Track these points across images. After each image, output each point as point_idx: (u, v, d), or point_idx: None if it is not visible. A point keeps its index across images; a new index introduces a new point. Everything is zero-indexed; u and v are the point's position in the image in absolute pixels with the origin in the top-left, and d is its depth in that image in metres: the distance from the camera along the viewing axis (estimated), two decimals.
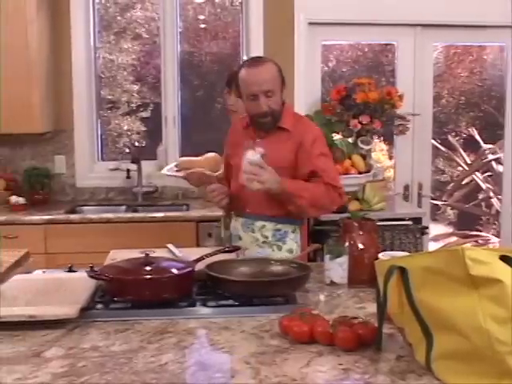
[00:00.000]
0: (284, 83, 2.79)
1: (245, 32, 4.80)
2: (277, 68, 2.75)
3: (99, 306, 2.09)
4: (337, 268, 2.35)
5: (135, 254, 2.36)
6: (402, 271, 1.62)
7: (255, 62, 2.79)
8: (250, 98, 2.73)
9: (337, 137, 4.37)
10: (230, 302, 2.11)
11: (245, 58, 4.69)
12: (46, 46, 4.46)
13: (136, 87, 5.18)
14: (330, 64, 5.26)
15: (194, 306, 2.09)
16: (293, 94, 4.66)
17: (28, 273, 2.48)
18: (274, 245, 2.81)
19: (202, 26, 5.09)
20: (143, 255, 2.24)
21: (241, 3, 4.83)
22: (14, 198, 4.28)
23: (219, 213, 3.19)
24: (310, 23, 4.73)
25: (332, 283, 2.36)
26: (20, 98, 4.26)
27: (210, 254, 2.35)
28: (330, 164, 2.85)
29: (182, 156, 4.48)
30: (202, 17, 5.08)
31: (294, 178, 2.75)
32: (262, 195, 2.71)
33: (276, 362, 1.66)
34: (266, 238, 2.80)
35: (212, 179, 3.24)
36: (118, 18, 5.11)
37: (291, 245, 2.83)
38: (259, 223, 2.80)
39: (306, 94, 4.76)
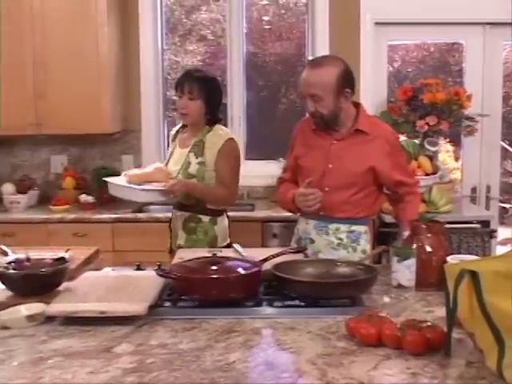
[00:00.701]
0: (348, 87, 2.70)
1: (310, 32, 4.80)
2: (336, 73, 2.66)
3: (167, 303, 2.13)
4: (404, 270, 2.32)
5: (202, 253, 2.39)
6: (473, 275, 1.59)
7: (314, 63, 2.77)
8: (302, 97, 2.76)
9: (403, 138, 4.32)
10: (296, 302, 2.12)
11: (310, 58, 4.68)
12: (115, 49, 4.56)
13: None
14: (395, 64, 5.18)
15: (260, 305, 2.10)
16: (359, 94, 4.62)
17: (98, 270, 2.54)
18: (349, 246, 2.78)
19: (267, 26, 5.10)
20: (210, 255, 2.27)
21: (306, 4, 4.83)
22: (83, 197, 4.40)
23: (285, 213, 3.18)
24: (377, 23, 4.69)
25: (399, 286, 2.33)
26: (90, 99, 4.38)
27: (277, 255, 2.36)
28: (406, 166, 2.99)
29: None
30: (266, 18, 5.09)
31: (375, 179, 2.76)
32: (335, 198, 2.73)
33: (343, 364, 1.65)
34: (341, 240, 2.78)
35: (198, 186, 3.17)
36: (184, 20, 5.16)
37: (365, 245, 2.82)
38: (333, 226, 2.78)
39: (372, 94, 4.72)
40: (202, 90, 3.18)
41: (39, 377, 1.61)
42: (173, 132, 3.46)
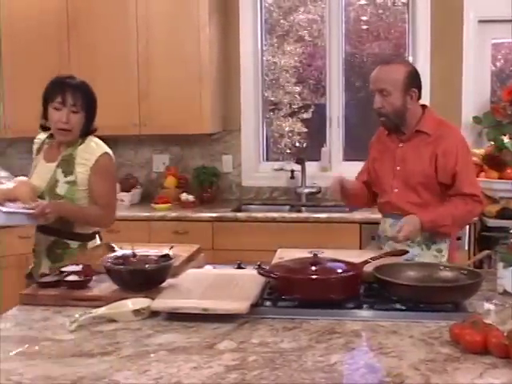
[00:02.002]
0: (415, 87, 2.77)
1: (411, 32, 4.71)
2: (405, 70, 2.76)
3: (267, 303, 2.14)
4: (510, 277, 2.24)
5: (302, 253, 2.40)
6: None
7: (384, 61, 2.91)
8: (372, 95, 2.83)
9: (507, 139, 4.17)
10: (397, 305, 2.09)
11: (410, 58, 4.60)
12: (216, 49, 4.64)
13: (298, 89, 5.23)
14: (498, 63, 5.01)
15: (360, 308, 2.09)
16: (460, 94, 4.52)
17: (199, 268, 2.59)
18: (422, 244, 2.79)
19: (364, 27, 5.05)
20: (311, 255, 2.27)
21: (407, 3, 4.75)
22: (184, 196, 4.50)
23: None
24: (480, 21, 4.55)
25: (505, 292, 2.26)
26: (191, 99, 4.48)
27: (376, 257, 2.33)
28: (470, 171, 2.85)
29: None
30: (364, 18, 5.04)
31: (433, 181, 2.76)
32: (404, 199, 2.78)
33: (447, 371, 1.62)
34: None
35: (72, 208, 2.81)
36: (282, 21, 5.19)
37: (440, 244, 2.81)
38: None
39: (474, 95, 4.59)
40: (85, 101, 2.83)
41: (145, 369, 1.67)
42: (37, 141, 3.01)
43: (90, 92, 2.89)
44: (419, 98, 2.82)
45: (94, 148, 2.86)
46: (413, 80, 2.77)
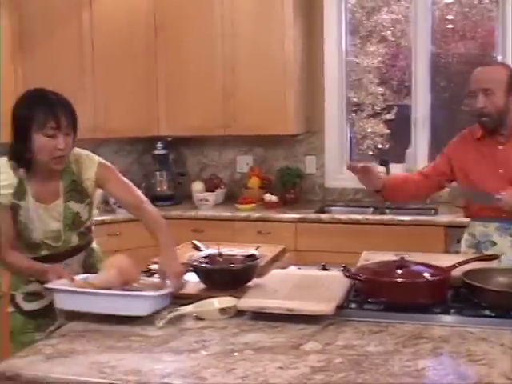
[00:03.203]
0: None
1: (500, 31, 4.58)
2: (508, 72, 2.78)
3: (353, 305, 2.13)
4: None
5: (388, 256, 2.37)
6: None
7: (485, 63, 2.99)
8: (470, 96, 2.80)
9: None
10: (487, 312, 2.04)
11: (499, 57, 4.48)
12: (300, 50, 4.64)
13: (381, 90, 5.18)
14: None
15: (448, 313, 2.05)
16: None
17: (284, 268, 2.61)
18: None
19: (450, 26, 4.95)
20: (397, 258, 2.24)
21: (495, 0, 4.61)
22: (267, 196, 4.53)
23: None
24: None
25: None
26: (276, 100, 4.50)
27: (464, 262, 2.28)
28: None
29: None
30: (449, 17, 4.94)
31: None
32: None
33: None
34: None
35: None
36: (365, 21, 5.15)
37: None
38: None
39: None
40: (74, 120, 2.37)
41: (232, 368, 1.69)
42: (8, 187, 2.33)
43: (73, 108, 2.39)
44: None
45: (86, 161, 2.49)
46: None
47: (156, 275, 2.33)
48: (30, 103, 2.32)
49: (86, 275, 2.30)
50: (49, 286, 2.15)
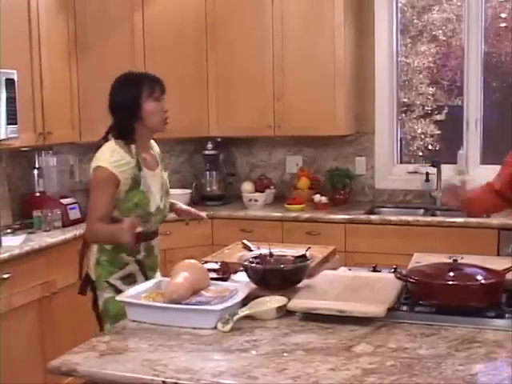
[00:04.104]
0: None
1: None
2: None
3: (404, 307, 2.11)
4: None
5: (440, 258, 2.35)
6: None
7: None
8: None
9: None
10: None
11: None
12: (350, 50, 4.62)
13: (431, 90, 5.11)
14: None
15: (502, 317, 2.01)
16: None
17: (334, 269, 2.60)
18: None
19: (502, 24, 4.86)
20: (449, 260, 2.22)
21: None
22: (317, 197, 4.52)
23: None
24: None
25: None
26: (325, 101, 4.49)
27: None
28: None
29: None
30: (502, 15, 4.85)
31: None
32: None
33: None
34: None
35: None
36: (415, 21, 5.09)
37: None
38: None
39: None
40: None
41: (283, 368, 1.69)
42: (127, 160, 2.64)
43: None
44: None
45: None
46: None
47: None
48: (134, 79, 2.77)
49: (159, 278, 2.43)
50: (121, 299, 2.19)
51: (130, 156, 2.63)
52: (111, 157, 2.60)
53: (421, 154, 5.15)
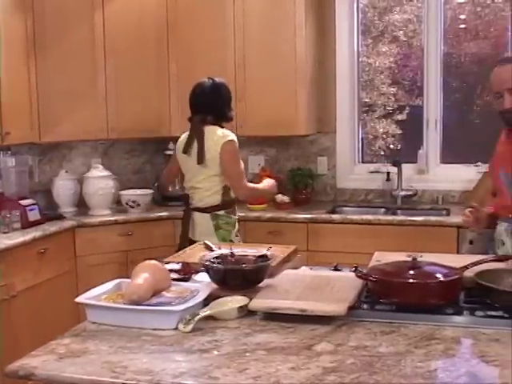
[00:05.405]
0: None
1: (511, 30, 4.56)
2: None
3: (365, 306, 2.13)
4: None
5: (400, 256, 2.36)
6: None
7: (505, 59, 2.91)
8: (495, 96, 2.72)
9: None
10: (500, 313, 2.03)
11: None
12: (312, 50, 4.64)
13: (393, 90, 5.16)
14: None
15: (460, 314, 2.04)
16: None
17: (296, 268, 2.60)
18: None
19: (462, 26, 4.93)
20: (409, 258, 2.24)
21: None
22: (279, 197, 4.53)
23: None
24: None
25: None
26: (287, 101, 4.51)
27: (477, 263, 2.27)
28: None
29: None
30: (462, 16, 4.92)
31: None
32: None
33: None
34: None
35: None
36: (377, 21, 5.14)
37: None
38: None
39: None
40: None
41: (244, 368, 1.69)
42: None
43: None
44: None
45: None
46: None
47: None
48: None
49: (119, 280, 2.34)
50: (81, 301, 2.15)
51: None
52: (232, 133, 3.60)
53: (383, 153, 5.19)
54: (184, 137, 3.71)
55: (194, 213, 3.64)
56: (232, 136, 3.56)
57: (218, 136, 3.54)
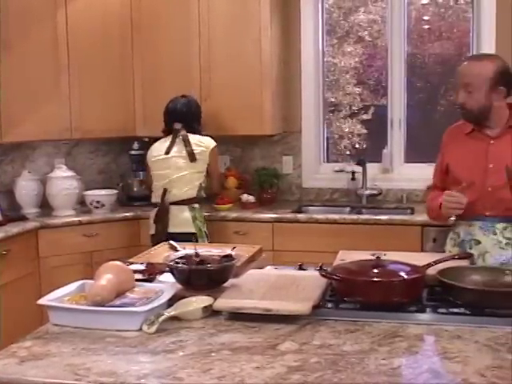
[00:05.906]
0: (503, 85, 2.69)
1: (475, 31, 4.61)
2: (493, 67, 2.69)
3: (329, 304, 2.14)
4: None
5: (364, 255, 2.38)
6: None
7: (474, 56, 3.00)
8: (455, 89, 2.84)
9: None
10: (462, 310, 2.06)
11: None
12: (277, 50, 4.65)
13: (358, 90, 5.20)
14: None
15: (423, 311, 2.06)
16: None
17: (261, 268, 2.60)
18: None
19: (426, 26, 4.99)
20: (373, 257, 2.25)
21: (471, 1, 4.65)
22: (244, 197, 4.53)
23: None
24: None
25: None
26: (252, 101, 4.51)
27: (440, 261, 2.30)
28: None
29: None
30: (425, 17, 4.98)
31: None
32: (499, 197, 2.69)
33: None
34: (509, 239, 2.71)
35: None
36: (342, 21, 5.17)
37: None
38: (501, 225, 2.72)
39: None
40: None
41: (208, 368, 1.68)
42: None
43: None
44: (508, 95, 2.74)
45: None
46: (501, 78, 2.69)
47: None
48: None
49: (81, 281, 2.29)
50: (43, 302, 2.12)
51: None
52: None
53: (348, 152, 5.23)
54: (159, 144, 4.13)
55: (171, 206, 3.97)
56: (213, 143, 4.13)
57: (205, 139, 4.11)
